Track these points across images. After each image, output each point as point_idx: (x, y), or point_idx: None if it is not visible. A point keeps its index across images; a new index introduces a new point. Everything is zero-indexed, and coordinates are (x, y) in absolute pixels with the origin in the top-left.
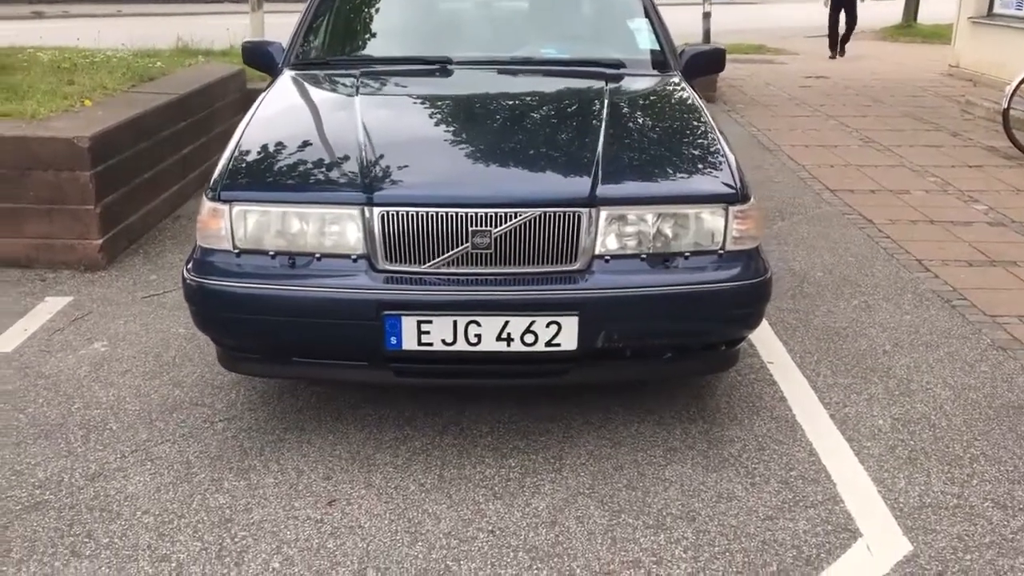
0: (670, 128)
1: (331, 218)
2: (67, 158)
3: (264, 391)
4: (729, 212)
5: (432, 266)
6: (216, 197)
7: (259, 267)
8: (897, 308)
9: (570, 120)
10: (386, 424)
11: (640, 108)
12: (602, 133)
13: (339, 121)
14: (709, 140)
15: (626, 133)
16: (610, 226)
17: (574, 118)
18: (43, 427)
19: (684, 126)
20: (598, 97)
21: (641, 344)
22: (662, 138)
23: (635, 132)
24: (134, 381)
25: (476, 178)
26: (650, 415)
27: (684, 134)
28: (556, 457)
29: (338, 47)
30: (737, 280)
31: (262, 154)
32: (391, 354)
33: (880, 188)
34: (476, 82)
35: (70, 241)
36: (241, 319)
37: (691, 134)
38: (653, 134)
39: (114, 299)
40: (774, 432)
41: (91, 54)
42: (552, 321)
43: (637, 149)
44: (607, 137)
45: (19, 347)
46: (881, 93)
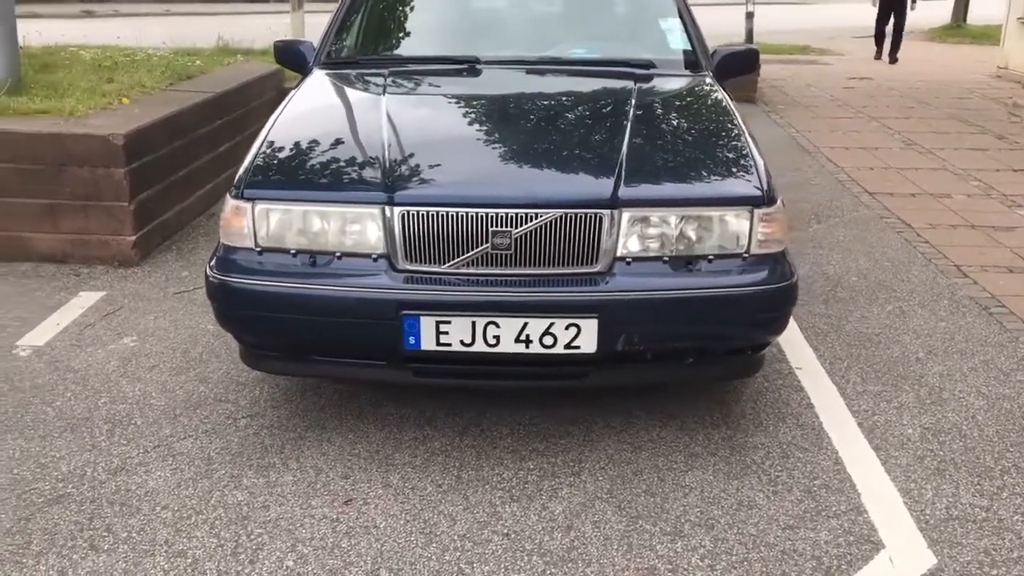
0: (697, 129)
1: (352, 217)
2: (102, 155)
3: (288, 388)
4: (754, 215)
5: (452, 266)
6: (239, 195)
7: (280, 265)
8: (932, 314)
9: (596, 120)
10: (407, 424)
11: (668, 109)
12: (627, 134)
13: (364, 120)
14: (737, 141)
15: (652, 134)
16: (632, 228)
17: (600, 118)
18: (69, 421)
19: (712, 127)
20: (626, 97)
21: (662, 348)
22: (688, 139)
23: (661, 133)
24: (161, 376)
25: (497, 178)
26: (672, 420)
27: (711, 135)
28: (576, 460)
29: (368, 46)
30: (762, 284)
31: (286, 153)
32: (409, 354)
33: (920, 191)
34: (504, 82)
35: (104, 237)
36: (262, 317)
37: (719, 135)
38: (679, 135)
39: (146, 295)
40: (799, 440)
41: (132, 53)
42: (571, 323)
43: (662, 150)
44: (632, 138)
45: (51, 341)
46: (926, 95)
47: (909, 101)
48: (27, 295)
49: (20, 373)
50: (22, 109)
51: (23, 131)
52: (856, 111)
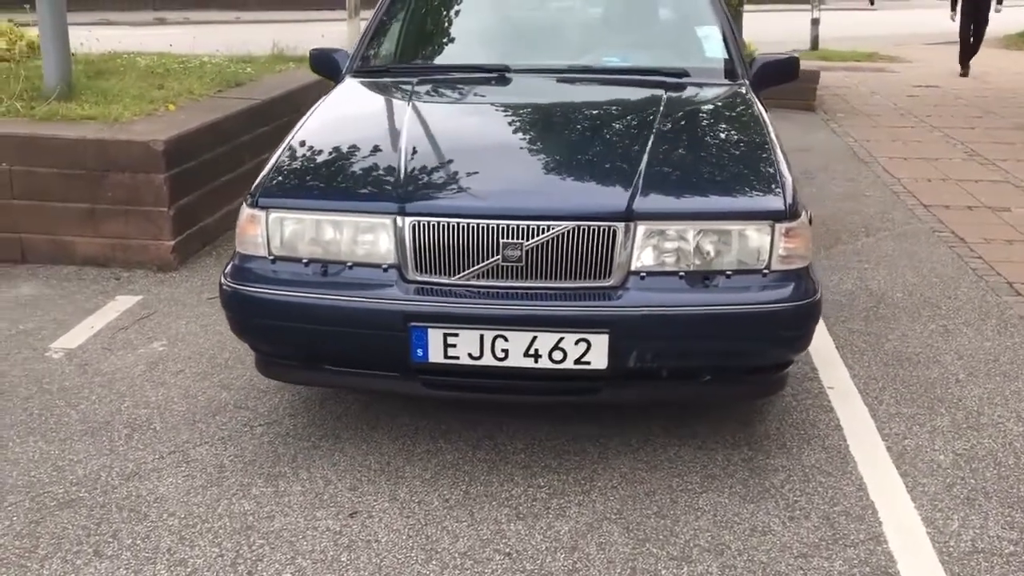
0: (723, 140)
1: (364, 227)
2: (143, 161)
3: (308, 397)
4: (776, 229)
5: (461, 278)
6: (254, 204)
7: (293, 274)
8: (978, 334)
9: (619, 131)
10: (421, 436)
11: (695, 119)
12: (649, 145)
13: (385, 129)
14: (763, 153)
15: (675, 145)
16: (647, 241)
17: (624, 129)
18: (91, 424)
19: (739, 138)
20: (653, 107)
21: (677, 365)
22: (712, 150)
23: (685, 144)
24: (185, 382)
25: (509, 189)
26: (692, 439)
27: (737, 147)
28: (587, 479)
29: (399, 55)
30: (782, 302)
31: (303, 161)
32: (418, 366)
33: (978, 204)
34: (531, 91)
35: (144, 241)
36: (274, 326)
37: (745, 146)
38: (704, 146)
39: (181, 299)
40: (823, 463)
41: (187, 60)
42: (581, 339)
43: (684, 162)
44: (654, 149)
45: (83, 344)
46: (994, 104)
47: (975, 111)
48: (67, 298)
49: (50, 375)
50: (70, 115)
51: (68, 136)
52: (919, 120)
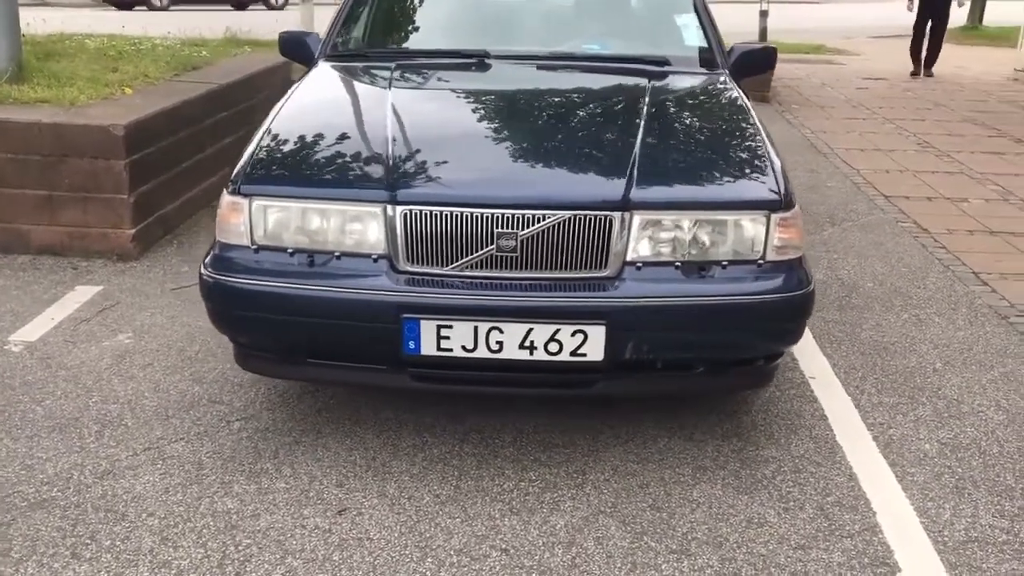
0: (713, 130)
1: (352, 215)
2: (102, 146)
3: (284, 391)
4: (771, 220)
5: (455, 268)
6: (236, 191)
7: (277, 265)
8: (950, 323)
9: (608, 119)
10: (405, 430)
11: (682, 108)
12: (640, 134)
13: (368, 115)
14: (754, 143)
15: (666, 134)
16: (643, 231)
17: (612, 117)
18: (58, 420)
19: (728, 128)
20: (639, 96)
21: (673, 357)
22: (704, 140)
23: (675, 133)
24: (154, 375)
25: (503, 177)
26: (681, 430)
27: (727, 136)
28: (579, 472)
29: (375, 39)
30: (777, 292)
31: (285, 147)
32: (409, 359)
33: (937, 195)
34: (513, 78)
35: (103, 230)
36: (257, 318)
37: (735, 136)
38: (694, 136)
39: (143, 290)
40: (812, 453)
41: (138, 42)
42: (578, 330)
43: (676, 151)
44: (645, 138)
45: (44, 336)
46: (942, 96)
47: (925, 103)
48: (23, 288)
49: (11, 369)
50: (22, 98)
51: (22, 120)
52: (871, 112)
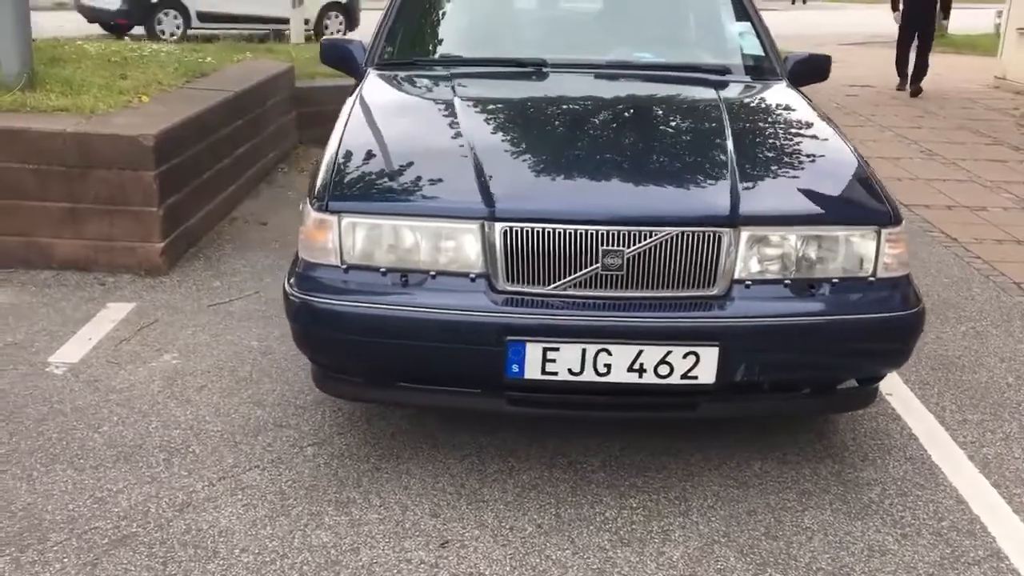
0: (801, 142)
1: (447, 232)
2: (131, 157)
3: (351, 413)
4: (881, 235)
5: (557, 288)
6: (323, 208)
7: (369, 284)
8: (1009, 336)
9: (691, 132)
10: (488, 454)
11: (763, 120)
12: (731, 147)
13: (443, 127)
14: (847, 156)
15: (756, 147)
16: (751, 248)
17: (695, 129)
18: (120, 449)
19: (815, 140)
20: (714, 107)
21: (782, 378)
22: (796, 153)
23: (765, 146)
24: (211, 398)
25: (606, 193)
26: (772, 452)
27: (818, 149)
28: (680, 498)
29: (424, 47)
30: (891, 311)
31: (368, 162)
32: (511, 383)
33: (956, 204)
34: (577, 87)
35: (131, 244)
36: (348, 340)
37: (825, 149)
38: (786, 149)
39: (179, 306)
40: (912, 475)
41: (139, 47)
42: (690, 352)
43: (773, 165)
44: (737, 151)
45: (85, 358)
46: (930, 104)
47: (917, 111)
48: (52, 306)
49: (59, 393)
50: (39, 106)
51: (44, 130)
52: (866, 119)
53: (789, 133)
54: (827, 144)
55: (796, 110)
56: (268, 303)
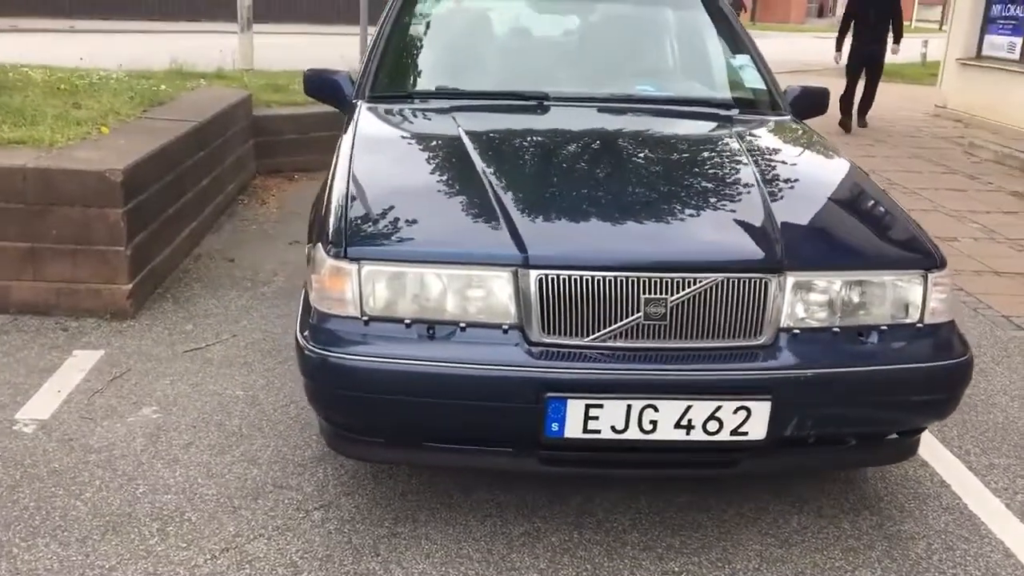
0: (832, 183)
1: (477, 280)
2: (97, 193)
3: (356, 471)
4: (928, 280)
5: (596, 339)
6: (341, 255)
7: (393, 338)
8: (1013, 372)
9: (718, 171)
10: (508, 513)
11: (785, 158)
12: (763, 188)
13: (456, 166)
14: (878, 196)
15: (788, 188)
16: (797, 294)
17: (721, 169)
18: (108, 518)
19: (845, 180)
20: (736, 145)
21: (834, 431)
22: (830, 195)
23: (797, 187)
24: (201, 457)
25: (645, 237)
26: (806, 505)
27: (851, 190)
28: (723, 560)
29: (416, 79)
30: (943, 359)
31: (383, 205)
32: (550, 442)
33: None
34: (584, 122)
35: (96, 286)
36: (371, 399)
37: (857, 190)
38: (817, 190)
39: (151, 353)
40: (953, 527)
41: (87, 74)
42: (741, 406)
43: (809, 207)
44: (770, 193)
45: (56, 413)
46: (878, 133)
47: (867, 140)
48: (11, 355)
49: (31, 455)
50: None
51: (2, 165)
52: None
53: (816, 173)
54: (857, 184)
55: (816, 147)
56: (248, 348)
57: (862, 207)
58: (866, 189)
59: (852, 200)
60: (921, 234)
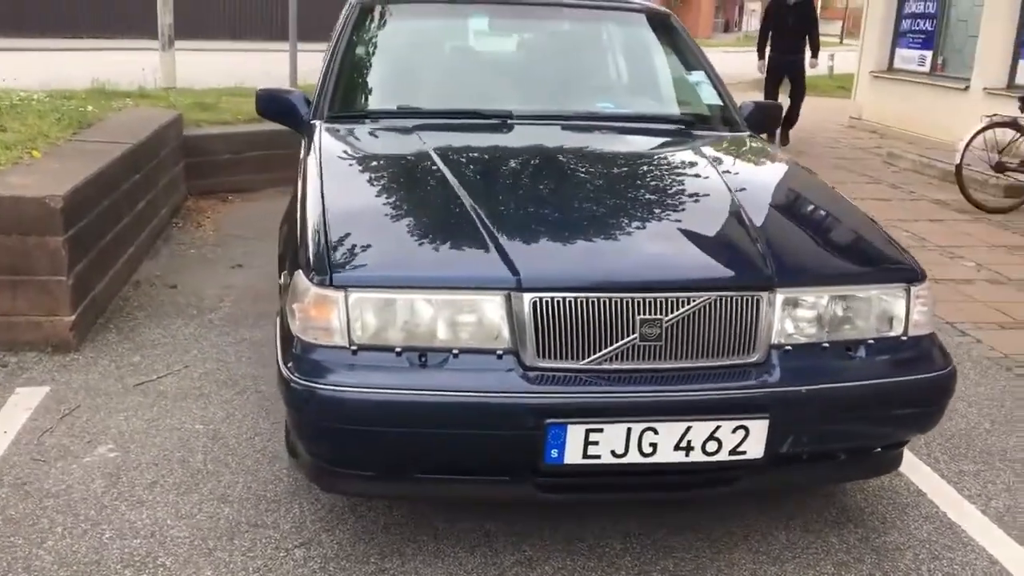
0: (807, 199)
1: (468, 305)
2: (36, 221)
3: (333, 505)
4: (911, 293)
5: (592, 362)
6: (327, 282)
7: (384, 367)
8: (965, 379)
9: (696, 190)
10: (497, 542)
11: (758, 176)
12: (742, 206)
13: (433, 187)
14: (853, 211)
15: (766, 206)
16: (786, 311)
17: (699, 187)
18: (75, 568)
19: (819, 196)
20: (706, 162)
21: (826, 447)
22: (808, 211)
23: (775, 205)
24: (167, 497)
25: (637, 257)
26: (791, 520)
27: (827, 206)
28: None
29: (376, 98)
30: (930, 371)
31: (365, 230)
32: (549, 469)
33: None
34: (551, 140)
35: (36, 318)
36: (363, 431)
37: (832, 205)
38: (795, 207)
39: (100, 388)
40: (935, 535)
41: (5, 95)
42: (740, 425)
43: (790, 224)
44: (750, 210)
45: (5, 456)
46: (799, 144)
47: (789, 151)
48: None
49: None
50: None
51: None
52: None
53: (790, 189)
54: (832, 199)
55: (782, 163)
56: (202, 379)
57: (840, 222)
58: (841, 204)
59: (829, 215)
60: (900, 248)
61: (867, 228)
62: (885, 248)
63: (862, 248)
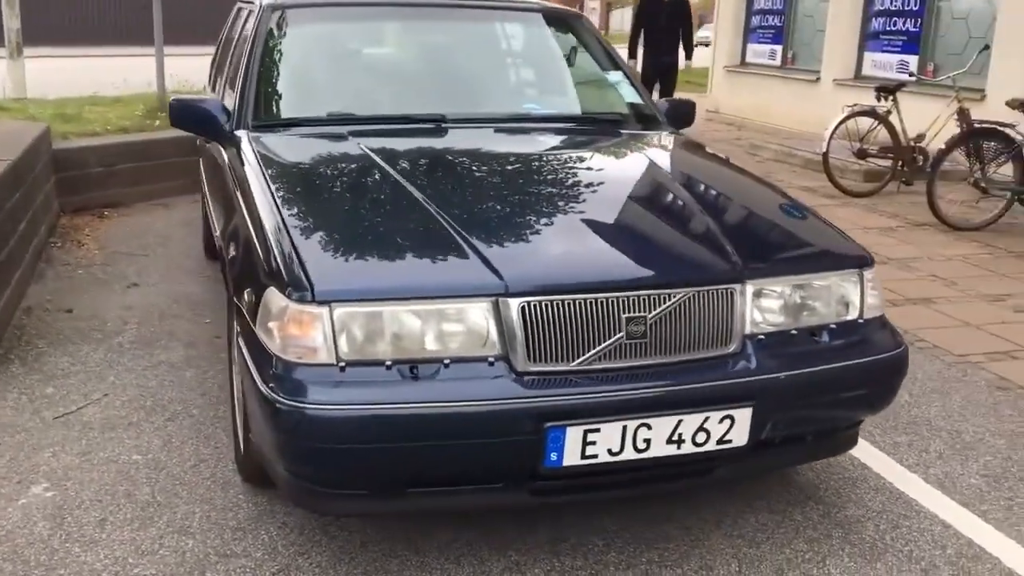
0: (751, 193)
1: (455, 314)
2: None
3: (303, 526)
4: (863, 277)
5: (582, 363)
6: (308, 298)
7: (374, 382)
8: None
9: (649, 188)
10: (482, 551)
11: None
12: (694, 201)
13: (389, 194)
14: (795, 201)
15: (718, 201)
16: (756, 301)
17: (651, 185)
18: None
19: (761, 189)
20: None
21: (799, 430)
22: (756, 204)
23: (724, 199)
24: (122, 534)
25: (619, 257)
26: (758, 502)
27: (769, 198)
28: (705, 567)
29: (304, 105)
30: (887, 351)
31: (335, 242)
32: (547, 473)
33: None
34: (491, 144)
35: None
36: (356, 449)
37: (776, 197)
38: (743, 201)
39: (17, 424)
40: (889, 505)
41: None
42: (726, 415)
43: (744, 217)
44: (704, 206)
45: None
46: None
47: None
48: None
49: None
50: None
51: None
52: None
53: (734, 183)
54: (773, 191)
55: (717, 159)
56: (127, 406)
57: (787, 213)
58: (783, 196)
59: (777, 207)
60: (845, 235)
61: (814, 217)
62: (836, 235)
63: (815, 237)
